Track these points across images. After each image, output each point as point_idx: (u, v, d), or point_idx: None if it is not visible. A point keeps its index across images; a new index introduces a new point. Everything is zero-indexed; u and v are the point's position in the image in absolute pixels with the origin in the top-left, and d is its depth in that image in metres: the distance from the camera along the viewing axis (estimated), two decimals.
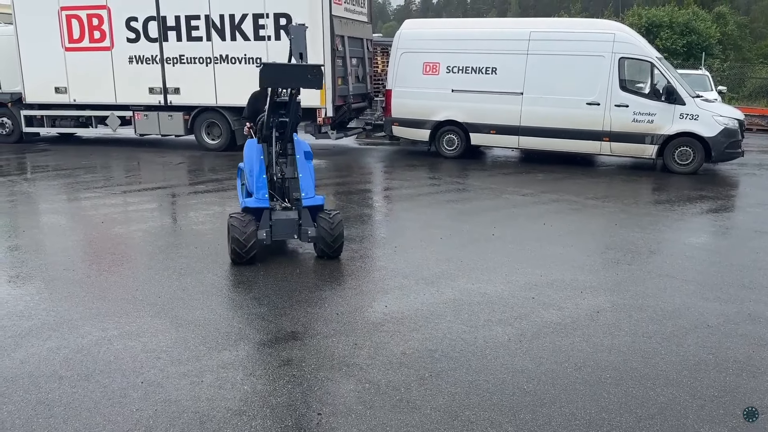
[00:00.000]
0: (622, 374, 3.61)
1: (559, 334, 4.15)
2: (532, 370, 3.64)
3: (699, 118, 10.56)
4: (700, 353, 3.90)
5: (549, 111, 11.44)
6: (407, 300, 4.71)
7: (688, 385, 3.50)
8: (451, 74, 12.03)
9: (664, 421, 3.12)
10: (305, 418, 3.12)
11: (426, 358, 3.77)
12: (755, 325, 4.36)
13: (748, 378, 3.59)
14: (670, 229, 7.28)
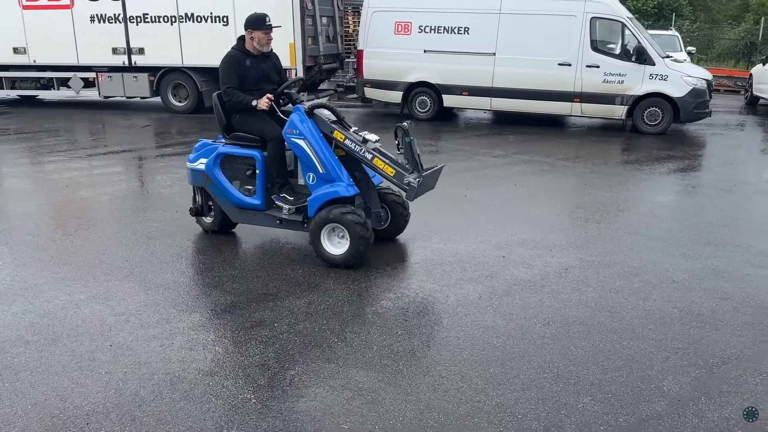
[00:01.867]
0: (589, 328, 3.68)
1: (528, 291, 4.20)
2: (502, 327, 3.69)
3: (668, 78, 10.64)
4: (665, 307, 3.99)
5: (521, 72, 11.39)
6: (379, 261, 4.72)
7: (654, 338, 3.59)
8: (423, 34, 11.87)
9: (629, 373, 3.20)
10: (278, 377, 3.12)
11: (398, 317, 3.79)
12: (718, 280, 4.47)
13: (711, 330, 3.69)
14: (638, 188, 7.39)
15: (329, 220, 4.46)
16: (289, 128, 4.64)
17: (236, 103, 4.82)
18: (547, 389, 3.04)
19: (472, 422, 2.78)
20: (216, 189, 4.98)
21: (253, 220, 5.01)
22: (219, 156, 4.95)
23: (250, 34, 4.92)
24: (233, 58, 4.90)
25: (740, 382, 3.13)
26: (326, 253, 4.54)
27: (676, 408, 2.90)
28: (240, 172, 4.93)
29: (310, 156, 4.58)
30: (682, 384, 3.10)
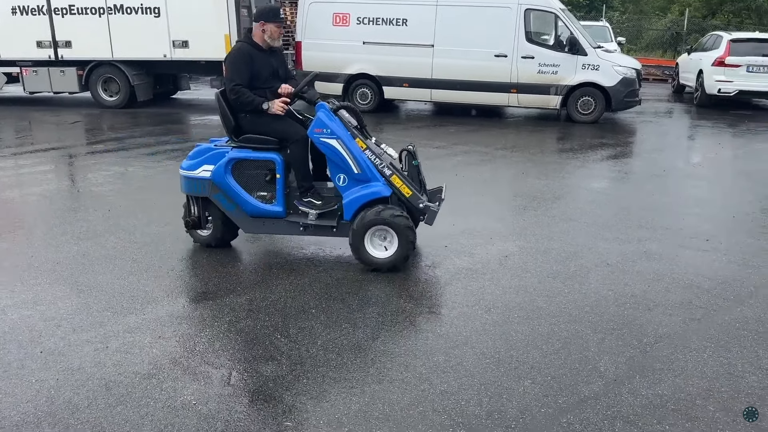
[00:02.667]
0: (528, 313, 3.76)
1: (470, 279, 4.26)
2: (446, 315, 3.73)
3: (600, 68, 10.97)
4: (600, 290, 4.13)
5: (459, 63, 11.51)
6: (323, 255, 4.68)
7: (590, 320, 3.70)
8: (362, 26, 11.82)
9: (567, 355, 3.29)
10: (219, 377, 3.05)
11: (342, 311, 3.77)
12: (650, 262, 4.65)
13: (644, 311, 3.84)
14: (573, 175, 7.60)
15: (377, 222, 4.21)
16: (317, 128, 4.27)
17: (244, 103, 4.33)
18: (489, 375, 3.09)
19: (416, 411, 2.80)
20: (224, 198, 4.47)
21: (270, 228, 4.58)
22: (231, 161, 4.41)
23: (261, 26, 4.44)
24: (244, 52, 4.39)
25: (672, 359, 3.27)
26: (370, 257, 4.31)
27: (612, 387, 3.00)
28: (256, 177, 4.43)
29: (344, 156, 4.26)
30: (617, 364, 3.21)
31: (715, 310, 3.87)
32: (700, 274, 4.45)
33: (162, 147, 8.63)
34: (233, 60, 4.39)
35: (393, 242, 4.29)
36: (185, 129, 10.47)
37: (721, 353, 3.33)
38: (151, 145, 8.82)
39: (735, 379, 3.08)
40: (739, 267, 4.60)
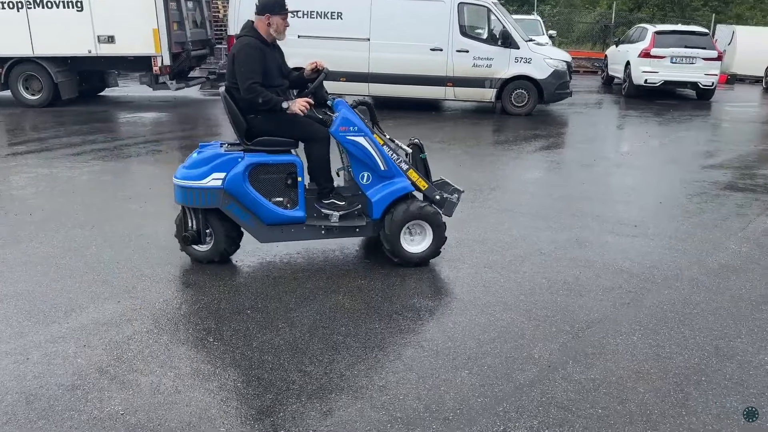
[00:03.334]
0: (465, 304, 3.79)
1: (407, 272, 4.25)
2: (385, 309, 3.71)
3: (532, 61, 11.20)
4: (534, 278, 4.20)
5: (396, 57, 11.51)
6: (259, 252, 4.57)
7: (525, 308, 3.76)
8: (296, 19, 11.60)
9: (503, 343, 3.33)
10: (148, 385, 2.93)
11: (279, 310, 3.69)
12: (582, 249, 4.77)
13: (576, 297, 3.93)
14: (508, 167, 7.73)
15: (414, 217, 4.21)
16: (342, 125, 4.11)
17: (263, 102, 3.99)
18: (427, 367, 3.09)
19: (354, 408, 2.77)
20: (238, 208, 4.11)
21: (289, 235, 4.30)
22: (249, 167, 4.07)
23: (267, 19, 4.12)
24: (255, 47, 4.04)
25: (603, 343, 3.36)
26: (406, 252, 4.27)
27: (546, 373, 3.05)
28: (275, 182, 4.15)
29: (371, 153, 4.16)
30: (551, 350, 3.27)
31: (643, 293, 4.00)
32: (629, 259, 4.60)
33: (88, 147, 8.27)
34: (247, 55, 4.01)
35: (426, 236, 4.30)
36: (114, 128, 10.07)
37: (650, 335, 3.44)
38: (77, 144, 8.43)
39: (663, 360, 3.19)
40: (666, 251, 4.78)
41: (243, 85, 3.99)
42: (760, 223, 5.53)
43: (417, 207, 4.23)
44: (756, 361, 3.17)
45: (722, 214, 5.80)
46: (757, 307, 3.82)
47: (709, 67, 14.23)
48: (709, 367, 3.11)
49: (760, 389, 2.91)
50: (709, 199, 6.30)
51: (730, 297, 3.97)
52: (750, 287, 4.12)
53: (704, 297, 3.96)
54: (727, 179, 7.20)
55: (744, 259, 4.65)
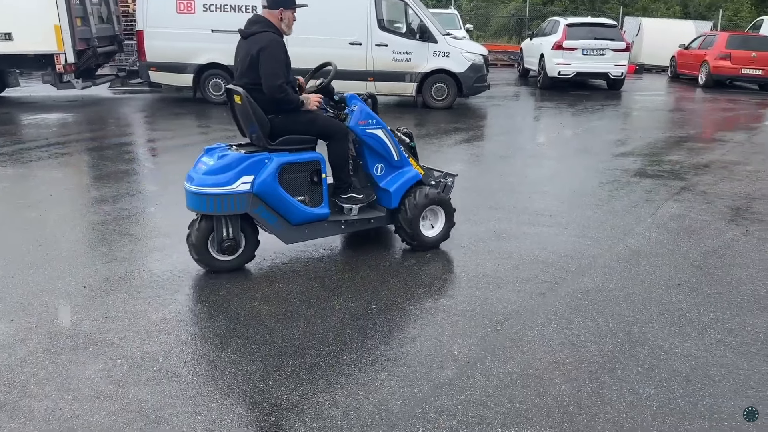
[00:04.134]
0: (386, 303, 3.73)
1: (326, 273, 4.15)
2: (303, 313, 3.59)
3: (450, 55, 11.30)
4: (454, 272, 4.19)
5: (315, 52, 11.26)
6: (170, 260, 4.35)
7: (444, 304, 3.74)
8: (209, 13, 11.27)
9: (423, 342, 3.29)
10: (42, 410, 2.70)
11: (188, 321, 3.51)
12: (500, 241, 4.81)
13: (494, 289, 3.95)
14: (429, 161, 7.70)
15: (432, 203, 4.44)
16: (362, 119, 4.23)
17: (288, 102, 3.95)
18: (346, 372, 3.01)
19: (270, 420, 2.65)
20: (266, 211, 3.99)
21: (312, 233, 4.27)
22: (279, 167, 3.96)
23: (280, 13, 4.06)
24: (283, 45, 3.98)
25: (520, 335, 3.38)
26: (426, 237, 4.48)
27: (465, 370, 3.03)
28: (301, 181, 4.09)
29: (387, 145, 4.34)
30: (470, 345, 3.26)
31: (558, 283, 4.07)
32: (545, 249, 4.67)
33: None
34: (280, 55, 3.91)
35: (438, 220, 4.55)
36: (14, 130, 9.40)
37: (565, 325, 3.50)
38: None
39: (578, 349, 3.24)
40: (579, 239, 4.90)
41: (273, 83, 3.87)
42: (667, 209, 5.76)
43: (434, 193, 4.48)
44: (666, 345, 3.27)
45: (632, 201, 6.01)
46: (666, 292, 3.95)
47: (619, 57, 14.83)
48: (622, 354, 3.19)
49: (670, 374, 3.00)
50: (620, 187, 6.52)
51: (641, 282, 4.10)
52: (659, 272, 4.27)
53: (617, 283, 4.07)
54: (637, 166, 7.49)
55: (653, 244, 4.83)
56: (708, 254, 4.62)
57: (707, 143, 9.28)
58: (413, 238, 4.44)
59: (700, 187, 6.58)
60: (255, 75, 3.93)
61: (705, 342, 3.30)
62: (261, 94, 3.93)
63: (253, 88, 3.94)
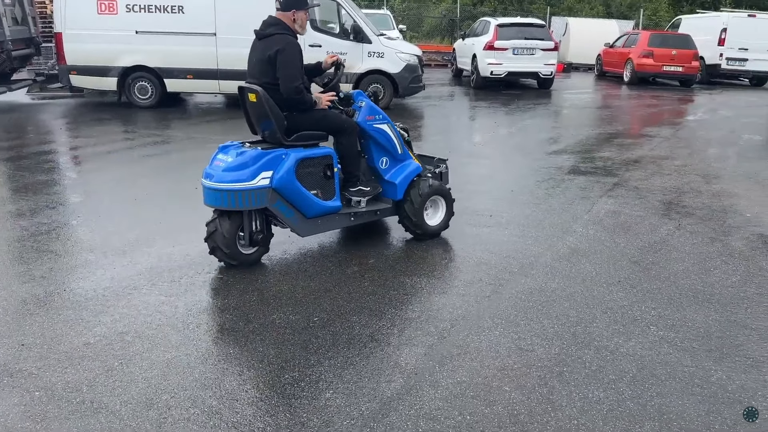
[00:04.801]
0: (329, 315, 3.58)
1: (264, 286, 3.97)
2: (240, 330, 3.40)
3: (385, 55, 11.24)
4: (398, 280, 4.08)
5: (246, 53, 11.02)
6: (93, 278, 4.06)
7: (388, 312, 3.62)
8: (133, 13, 10.79)
9: (370, 354, 3.16)
10: None
11: (115, 344, 3.25)
12: (441, 245, 4.75)
13: (440, 295, 3.87)
14: None
15: (434, 193, 4.68)
16: (369, 115, 4.47)
17: (303, 102, 4.15)
18: (288, 391, 2.85)
19: None
20: (284, 205, 4.12)
21: (325, 226, 4.43)
22: (297, 162, 4.10)
23: (293, 15, 4.18)
24: (299, 47, 4.13)
25: (467, 342, 3.30)
26: (429, 226, 4.71)
27: (413, 382, 2.92)
28: (316, 175, 4.24)
29: (392, 139, 4.58)
30: (417, 355, 3.16)
31: (502, 284, 4.03)
32: (487, 249, 4.64)
33: None
34: (296, 57, 4.08)
35: (439, 209, 4.79)
36: None
37: (511, 328, 3.45)
38: None
39: (525, 353, 3.19)
40: (520, 239, 4.90)
41: (291, 85, 4.03)
42: (602, 205, 5.86)
43: (437, 184, 4.71)
44: (612, 345, 3.27)
45: (568, 198, 6.09)
46: (607, 290, 3.98)
47: (548, 57, 15.17)
48: (569, 356, 3.16)
49: (618, 375, 2.99)
50: (555, 185, 6.60)
51: (582, 281, 4.11)
52: (599, 269, 4.30)
53: (559, 283, 4.07)
54: (571, 164, 7.62)
55: (591, 241, 4.88)
56: (644, 250, 4.70)
57: (635, 139, 9.57)
58: (418, 227, 4.66)
59: (632, 182, 6.74)
60: (273, 75, 4.07)
61: (649, 340, 3.32)
62: (277, 94, 4.07)
63: (270, 88, 4.08)
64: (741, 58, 17.96)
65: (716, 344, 3.28)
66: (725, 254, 4.61)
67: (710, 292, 3.93)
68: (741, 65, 18.11)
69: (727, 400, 2.79)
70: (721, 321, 3.53)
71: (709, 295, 3.89)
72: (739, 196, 6.20)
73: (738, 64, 18.08)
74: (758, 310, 3.68)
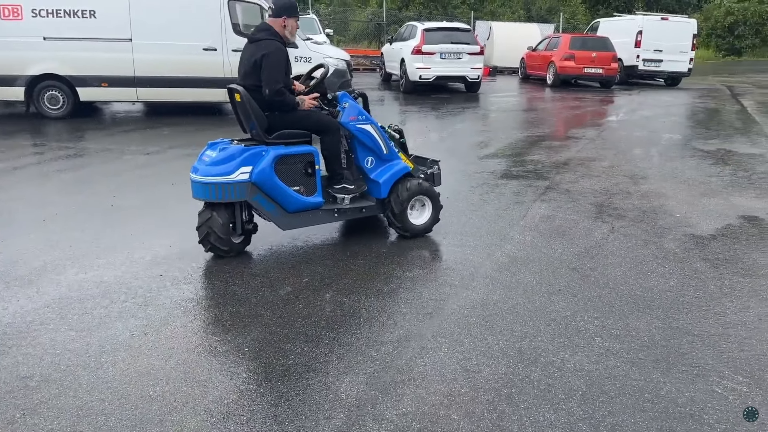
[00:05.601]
0: (260, 344, 3.30)
1: (190, 316, 3.65)
2: (160, 367, 3.08)
3: (312, 60, 10.96)
4: (335, 299, 3.85)
5: (165, 59, 10.55)
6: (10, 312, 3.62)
7: (326, 337, 3.38)
8: (39, 18, 10.09)
9: (306, 386, 2.91)
10: None
11: (17, 391, 2.87)
12: (379, 257, 4.55)
13: (378, 313, 3.66)
14: None
15: (419, 193, 4.78)
16: (352, 115, 4.63)
17: (285, 104, 4.38)
18: None
19: None
20: (264, 199, 4.35)
21: (307, 221, 4.62)
22: (275, 159, 4.33)
23: (283, 21, 4.44)
24: (285, 52, 4.38)
25: (411, 366, 3.11)
26: (412, 225, 4.81)
27: (356, 417, 2.70)
28: (296, 172, 4.46)
29: (376, 139, 4.70)
30: (359, 384, 2.94)
31: (443, 299, 3.87)
32: (426, 262, 4.49)
33: None
34: (280, 61, 4.31)
35: (426, 208, 4.88)
36: None
37: (456, 348, 3.28)
38: None
39: (472, 375, 3.03)
40: (459, 248, 4.76)
41: (272, 88, 4.25)
42: (536, 210, 5.83)
43: (418, 184, 4.79)
44: (558, 360, 3.15)
45: (503, 204, 6.03)
46: (549, 299, 3.89)
47: (474, 61, 15.32)
48: (516, 375, 3.02)
49: (567, 393, 2.87)
50: (489, 190, 6.54)
51: (524, 291, 4.01)
52: (539, 278, 4.22)
53: (501, 295, 3.95)
54: (503, 168, 7.60)
55: (529, 248, 4.80)
56: (581, 255, 4.66)
57: (563, 141, 9.72)
58: (402, 225, 4.79)
59: (563, 185, 6.77)
60: (257, 77, 4.30)
61: (594, 352, 3.23)
62: (260, 94, 4.30)
63: (255, 89, 4.32)
64: (656, 59, 18.76)
65: (662, 353, 3.22)
66: (660, 257, 4.64)
67: (650, 298, 3.91)
68: (656, 66, 18.92)
69: (679, 415, 2.72)
70: (663, 328, 3.50)
71: (649, 301, 3.86)
72: (667, 197, 6.32)
73: (654, 65, 18.88)
74: (698, 315, 3.67)
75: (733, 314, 3.67)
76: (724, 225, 5.41)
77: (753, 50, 35.30)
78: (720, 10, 34.74)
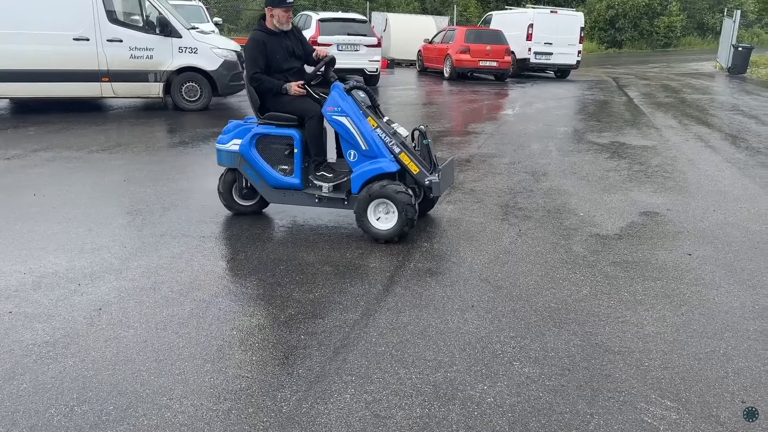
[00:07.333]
0: (159, 365, 2.76)
1: (43, 362, 3.02)
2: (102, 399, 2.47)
3: (198, 51, 10.23)
4: (223, 337, 3.36)
5: (30, 50, 9.44)
6: None
7: (205, 389, 2.89)
8: None
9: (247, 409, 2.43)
10: None
11: None
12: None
13: (274, 349, 3.22)
14: (185, 176, 6.69)
15: (380, 195, 4.55)
16: (330, 106, 4.66)
17: (266, 89, 4.77)
18: None
19: None
20: (250, 170, 4.88)
21: (290, 199, 4.93)
22: (255, 136, 4.84)
23: (270, 11, 4.79)
24: (256, 41, 4.75)
25: (314, 418, 2.68)
26: (372, 227, 4.65)
27: None
28: (276, 151, 4.82)
29: (353, 133, 4.63)
30: None
31: (349, 326, 3.47)
32: (329, 278, 4.07)
33: None
34: (248, 50, 4.74)
35: (393, 216, 4.62)
36: None
37: (365, 386, 2.88)
38: None
39: (383, 422, 2.62)
40: (362, 259, 4.38)
41: (247, 74, 4.74)
42: (443, 212, 5.56)
43: (382, 186, 4.55)
44: (477, 395, 2.84)
45: None
46: (462, 318, 3.58)
47: (372, 53, 15.00)
48: (432, 418, 2.67)
49: None
50: None
51: (435, 310, 3.68)
52: (451, 293, 3.92)
53: (410, 316, 3.60)
54: None
55: (438, 258, 4.50)
56: (492, 264, 4.42)
57: (464, 137, 9.59)
58: (359, 225, 4.68)
59: (467, 184, 6.57)
60: None
61: (514, 381, 2.95)
62: None
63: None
64: (547, 52, 19.31)
65: (584, 377, 2.99)
66: (570, 262, 4.49)
67: (565, 310, 3.71)
68: (547, 59, 19.47)
69: None
70: (583, 346, 3.29)
71: (565, 314, 3.66)
72: (569, 194, 6.27)
73: (544, 57, 19.42)
74: (616, 328, 3.50)
75: (651, 325, 3.53)
76: (627, 223, 5.38)
77: (632, 42, 37.54)
78: (602, 4, 36.62)
